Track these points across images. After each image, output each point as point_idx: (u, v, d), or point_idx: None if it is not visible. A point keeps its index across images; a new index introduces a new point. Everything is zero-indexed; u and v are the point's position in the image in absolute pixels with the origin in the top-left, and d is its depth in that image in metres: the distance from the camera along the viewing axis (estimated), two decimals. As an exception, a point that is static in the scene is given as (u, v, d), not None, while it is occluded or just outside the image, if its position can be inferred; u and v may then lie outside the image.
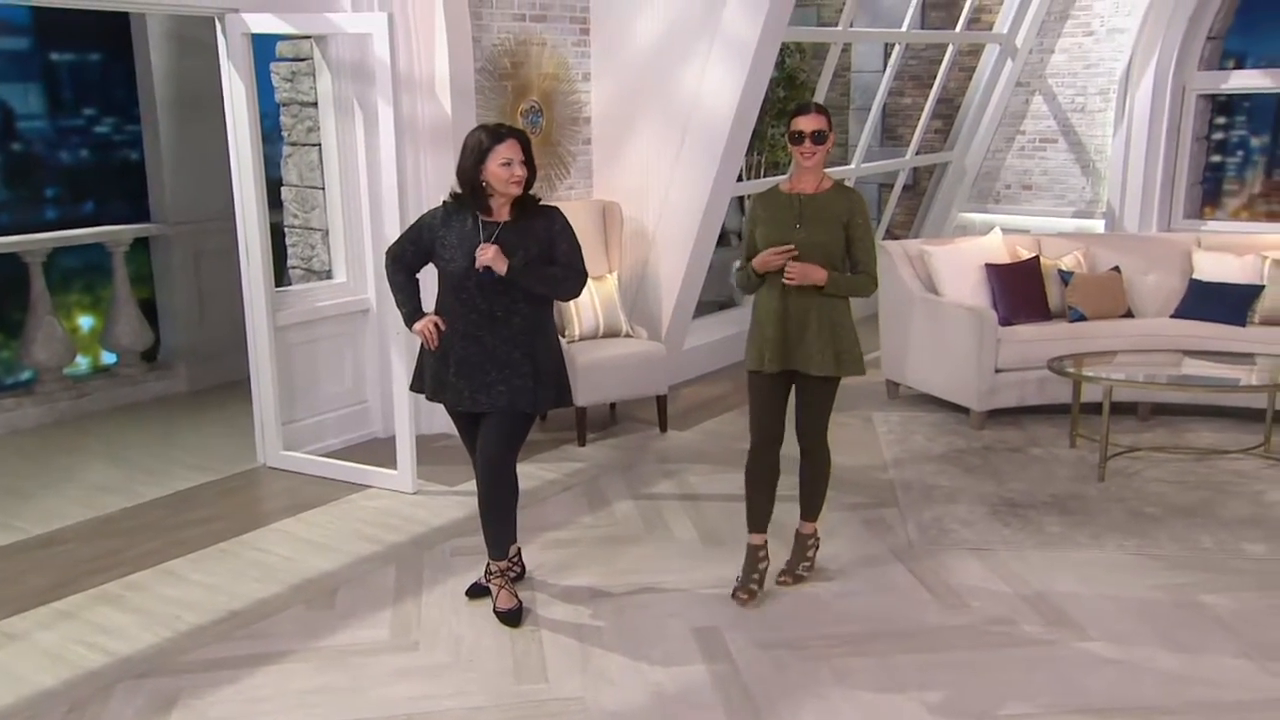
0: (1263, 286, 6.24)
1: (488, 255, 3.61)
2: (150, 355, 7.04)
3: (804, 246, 3.74)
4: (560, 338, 4.38)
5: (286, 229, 6.03)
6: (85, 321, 7.44)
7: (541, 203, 3.83)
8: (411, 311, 3.89)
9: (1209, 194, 9.49)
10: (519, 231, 3.72)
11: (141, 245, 6.98)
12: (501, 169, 3.63)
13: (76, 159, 7.79)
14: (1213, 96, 9.05)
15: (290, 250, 6.05)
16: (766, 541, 4.07)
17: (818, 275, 3.73)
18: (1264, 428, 5.56)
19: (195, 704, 3.36)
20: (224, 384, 6.95)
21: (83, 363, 6.92)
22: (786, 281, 3.75)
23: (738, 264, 4.11)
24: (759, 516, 4.05)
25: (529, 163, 3.70)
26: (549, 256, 3.77)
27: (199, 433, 6.10)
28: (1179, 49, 8.57)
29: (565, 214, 3.85)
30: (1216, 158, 9.51)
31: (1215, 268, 6.40)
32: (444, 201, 3.86)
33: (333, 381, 5.76)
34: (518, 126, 4.06)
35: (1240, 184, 9.64)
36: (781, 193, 3.88)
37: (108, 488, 5.25)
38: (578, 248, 3.85)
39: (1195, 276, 6.43)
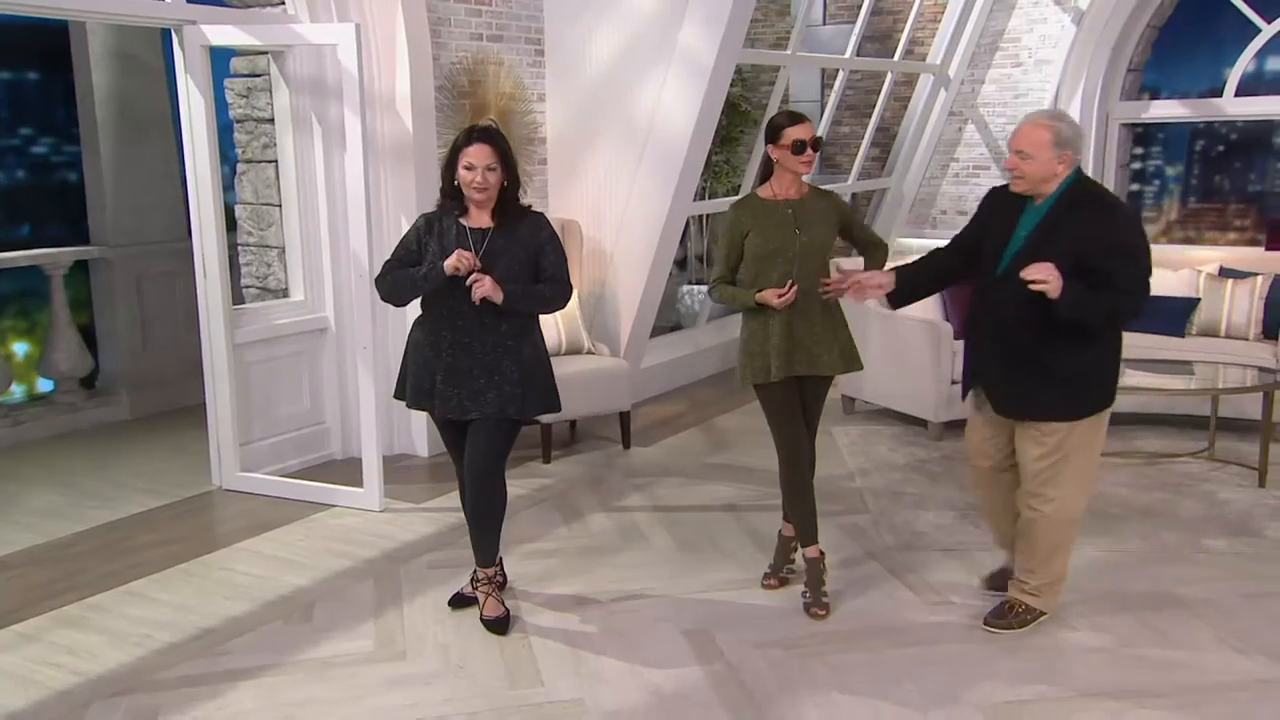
0: (1198, 299, 6.49)
1: (484, 288, 3.53)
2: (89, 382, 6.79)
3: (807, 249, 3.77)
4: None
5: (241, 247, 5.90)
6: (20, 348, 7.15)
7: (526, 207, 3.80)
8: (427, 269, 3.62)
9: (1131, 221, 9.87)
10: (505, 237, 3.68)
11: (81, 269, 6.76)
12: (465, 172, 3.59)
13: (12, 179, 7.54)
14: (1132, 126, 9.45)
15: (245, 269, 5.91)
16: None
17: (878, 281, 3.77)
18: (1207, 433, 5.76)
19: None
20: (168, 411, 6.74)
21: (18, 391, 6.63)
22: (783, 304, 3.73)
23: (713, 279, 4.01)
24: (813, 525, 3.97)
25: (508, 168, 3.66)
26: (535, 264, 3.74)
27: (146, 458, 5.88)
28: (1102, 80, 8.95)
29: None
30: (1135, 186, 9.91)
31: (1153, 282, 6.60)
32: (423, 213, 3.81)
33: (291, 402, 5.62)
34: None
35: (1158, 211, 10.05)
36: (766, 201, 3.86)
37: (54, 513, 5.03)
38: (564, 258, 3.83)
39: (1136, 290, 6.64)
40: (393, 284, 3.74)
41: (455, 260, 3.53)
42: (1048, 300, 3.32)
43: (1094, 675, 3.46)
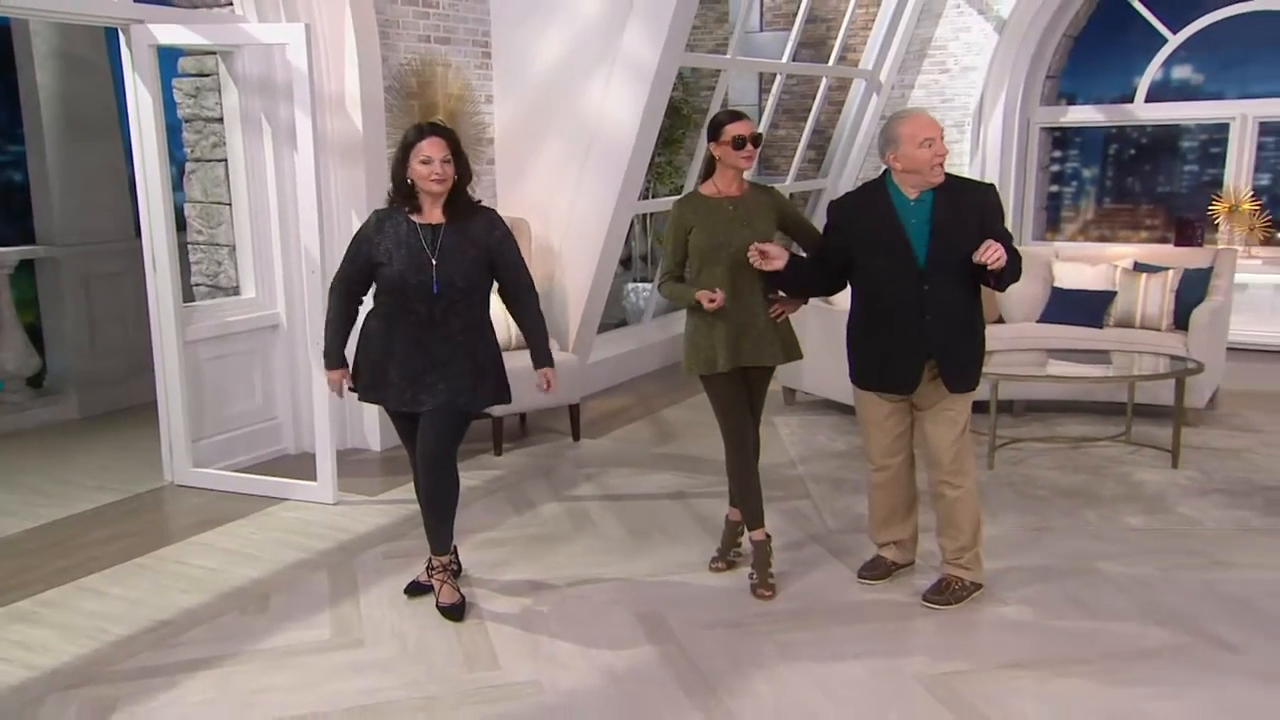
0: (1115, 292, 6.66)
1: (549, 388, 3.94)
2: (37, 381, 6.60)
3: (749, 243, 3.76)
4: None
5: (190, 245, 5.77)
6: (-35, 347, 6.88)
7: (477, 202, 3.77)
8: (335, 353, 3.77)
9: (1050, 219, 10.11)
10: (458, 233, 3.65)
11: (27, 268, 6.56)
12: (422, 166, 3.56)
13: (-45, 180, 7.28)
14: (1051, 130, 9.68)
15: (195, 267, 5.78)
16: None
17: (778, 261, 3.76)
18: (1124, 419, 5.92)
19: (135, 710, 3.13)
20: (117, 410, 6.59)
21: (-36, 390, 6.42)
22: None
23: (660, 275, 4.01)
24: (759, 510, 3.99)
25: (459, 161, 3.64)
26: (489, 262, 3.71)
27: (96, 456, 5.73)
28: (1023, 86, 9.15)
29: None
30: (1054, 187, 10.15)
31: (1073, 276, 6.80)
32: (375, 211, 3.76)
33: (243, 398, 5.52)
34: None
35: (1076, 210, 10.30)
36: (708, 198, 3.86)
37: (4, 510, 4.88)
38: (523, 259, 3.82)
39: (1056, 285, 6.82)
40: (327, 321, 3.81)
41: (334, 381, 3.82)
42: (972, 281, 3.54)
43: (1023, 646, 3.53)
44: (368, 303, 3.78)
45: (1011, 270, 3.55)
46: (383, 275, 3.63)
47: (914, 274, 3.59)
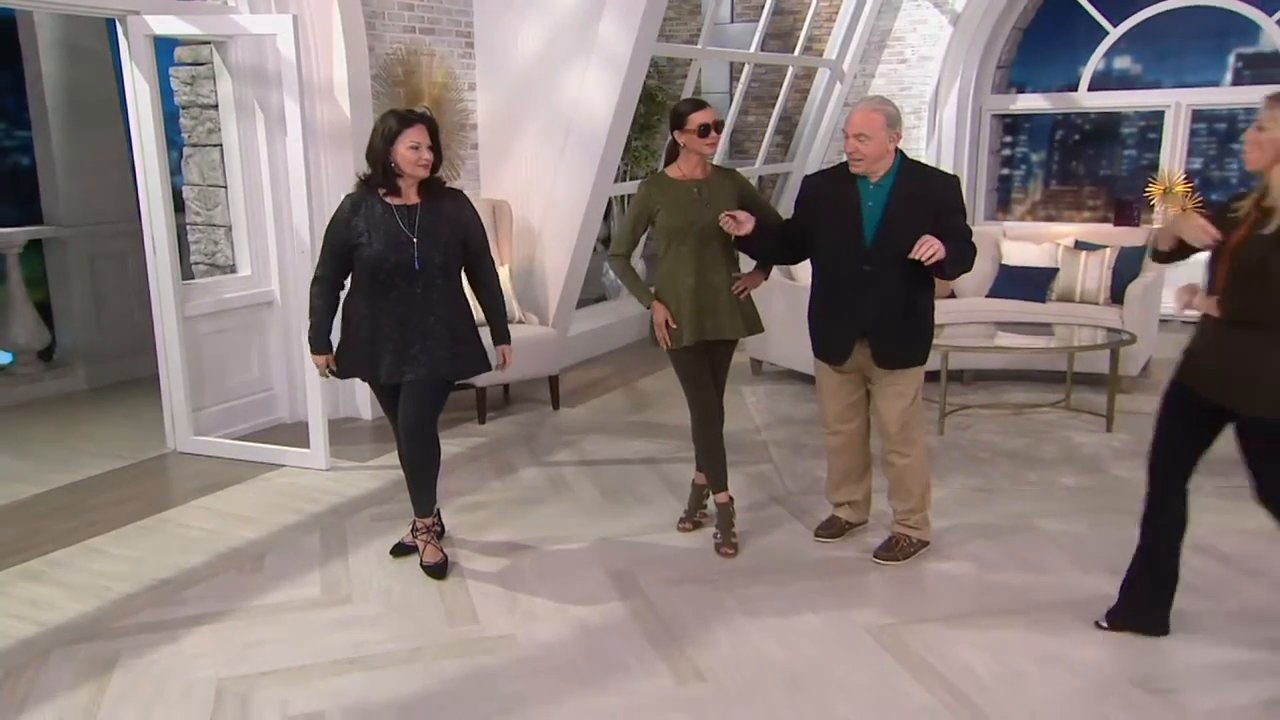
0: (1057, 269, 6.68)
1: (505, 363, 3.88)
2: (47, 355, 6.52)
3: (713, 224, 3.74)
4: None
5: (189, 226, 5.69)
6: (-23, 323, 6.79)
7: (444, 182, 3.73)
8: (321, 339, 3.73)
9: (1001, 201, 10.11)
10: (433, 213, 3.62)
11: (35, 248, 6.46)
12: (410, 151, 3.51)
13: (-35, 164, 7.14)
14: (1002, 117, 9.66)
15: (194, 246, 5.71)
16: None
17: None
18: (1064, 386, 5.95)
19: (136, 663, 3.13)
20: (124, 381, 6.52)
21: (-23, 363, 6.35)
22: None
23: (614, 250, 3.98)
24: (723, 474, 3.99)
25: (435, 147, 3.60)
26: (463, 240, 3.68)
27: (103, 425, 5.68)
28: (976, 76, 9.11)
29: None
30: (1005, 170, 10.14)
31: (1019, 254, 6.82)
32: (347, 195, 3.69)
33: (240, 370, 5.47)
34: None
35: (1025, 192, 10.30)
36: (675, 180, 3.83)
37: (16, 477, 4.82)
38: (486, 238, 3.80)
39: (1004, 262, 6.83)
40: (310, 308, 3.74)
41: (320, 364, 3.78)
42: (919, 265, 3.46)
43: (965, 598, 3.57)
44: (346, 285, 3.74)
45: (959, 260, 3.48)
46: (361, 255, 3.58)
47: (859, 253, 3.58)
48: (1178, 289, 3.00)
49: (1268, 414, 2.87)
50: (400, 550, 3.91)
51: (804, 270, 6.40)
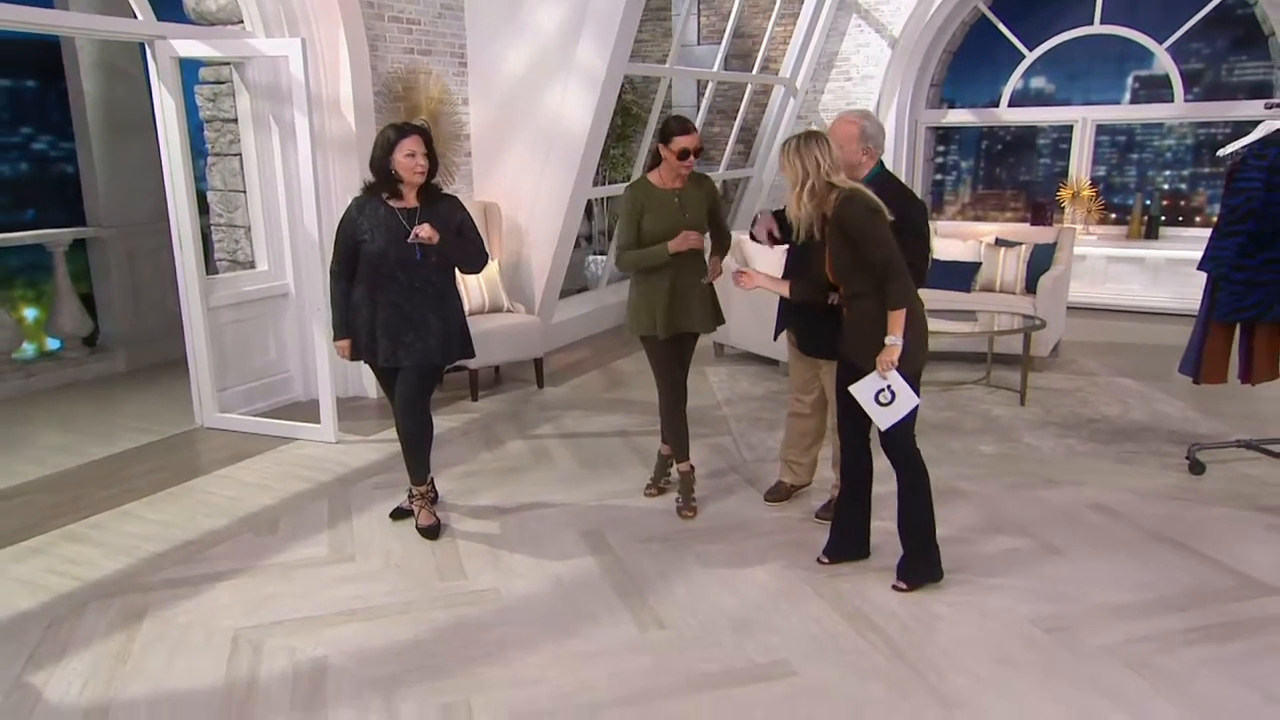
0: (980, 263, 6.68)
1: (425, 232, 3.43)
2: (91, 341, 6.42)
3: (689, 228, 3.70)
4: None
5: (212, 227, 5.61)
6: (30, 313, 6.71)
7: (443, 190, 3.68)
8: (342, 326, 3.65)
9: (935, 202, 10.10)
10: (431, 214, 3.57)
11: (79, 246, 6.35)
12: (406, 159, 3.47)
13: (16, 172, 7.00)
14: (935, 129, 9.63)
15: (217, 245, 5.62)
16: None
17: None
18: (985, 366, 5.97)
19: (164, 614, 3.10)
20: (158, 364, 6.44)
21: (29, 349, 6.24)
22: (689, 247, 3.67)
23: (619, 248, 3.88)
24: (685, 446, 3.97)
25: (431, 155, 3.54)
26: (457, 235, 3.64)
27: (140, 403, 5.60)
28: (912, 92, 9.07)
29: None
30: (938, 176, 10.12)
31: (949, 250, 6.81)
32: (354, 198, 3.64)
33: (259, 354, 5.40)
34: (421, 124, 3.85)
35: (955, 195, 10.29)
36: (656, 187, 3.76)
37: (61, 449, 4.76)
38: (479, 234, 3.73)
39: (935, 257, 6.81)
40: (330, 300, 3.69)
41: (342, 349, 3.64)
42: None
43: (893, 552, 3.56)
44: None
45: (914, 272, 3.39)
46: (365, 250, 3.54)
47: (798, 255, 3.55)
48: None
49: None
50: (399, 514, 3.88)
51: (757, 263, 6.39)
